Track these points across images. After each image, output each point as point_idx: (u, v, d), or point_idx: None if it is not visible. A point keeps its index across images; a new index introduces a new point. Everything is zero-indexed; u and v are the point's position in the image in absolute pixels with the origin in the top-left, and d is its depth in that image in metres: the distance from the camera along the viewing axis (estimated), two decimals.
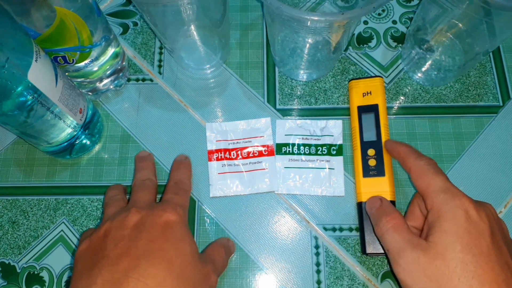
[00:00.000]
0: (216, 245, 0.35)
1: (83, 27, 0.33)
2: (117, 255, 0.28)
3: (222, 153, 0.40)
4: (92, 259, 0.28)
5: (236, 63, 0.44)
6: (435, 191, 0.30)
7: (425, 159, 0.33)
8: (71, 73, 0.37)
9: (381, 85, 0.40)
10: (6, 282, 0.36)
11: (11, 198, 0.39)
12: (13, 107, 0.30)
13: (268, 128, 0.40)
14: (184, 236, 0.30)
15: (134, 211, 0.30)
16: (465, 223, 0.28)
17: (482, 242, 0.28)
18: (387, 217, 0.32)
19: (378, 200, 0.35)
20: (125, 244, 0.28)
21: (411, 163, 0.33)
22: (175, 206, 0.31)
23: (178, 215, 0.31)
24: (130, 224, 0.30)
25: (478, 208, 0.29)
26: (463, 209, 0.29)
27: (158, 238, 0.29)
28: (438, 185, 0.31)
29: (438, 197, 0.30)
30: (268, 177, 0.39)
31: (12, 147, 0.41)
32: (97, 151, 0.41)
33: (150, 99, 0.42)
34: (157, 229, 0.29)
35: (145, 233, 0.29)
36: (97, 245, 0.29)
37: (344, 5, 0.45)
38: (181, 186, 0.36)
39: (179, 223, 0.30)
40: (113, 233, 0.29)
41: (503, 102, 0.42)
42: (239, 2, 0.46)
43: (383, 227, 0.31)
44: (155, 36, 0.45)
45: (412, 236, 0.30)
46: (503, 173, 0.39)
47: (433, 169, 0.32)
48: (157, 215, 0.30)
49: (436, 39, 0.40)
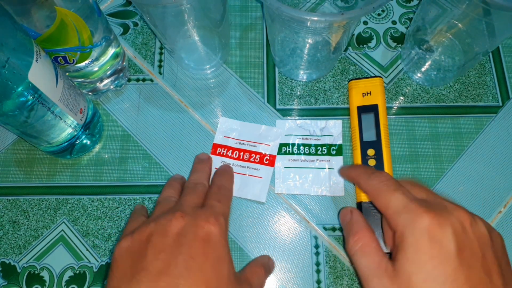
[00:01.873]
0: (256, 264, 0.34)
1: (84, 27, 0.33)
2: (157, 270, 0.27)
3: (225, 150, 0.40)
4: (131, 267, 0.28)
5: (236, 63, 0.44)
6: (394, 213, 0.28)
7: (376, 177, 0.31)
8: (72, 73, 0.38)
9: (380, 85, 0.40)
10: (6, 282, 0.37)
11: (11, 198, 0.39)
12: (14, 107, 0.30)
13: (277, 139, 0.40)
14: (223, 255, 0.29)
15: (179, 216, 0.30)
16: (428, 247, 0.26)
17: (447, 266, 0.25)
18: (354, 237, 0.30)
19: (348, 213, 0.33)
20: (165, 257, 0.28)
21: (364, 185, 0.32)
22: (217, 216, 0.30)
23: (220, 226, 0.30)
24: (172, 231, 0.29)
25: (443, 224, 0.26)
26: (424, 231, 0.26)
27: (199, 255, 0.28)
28: (395, 205, 0.29)
29: (398, 219, 0.28)
30: (259, 186, 0.39)
31: (13, 147, 0.41)
32: (97, 151, 0.41)
33: (150, 99, 0.43)
34: (199, 244, 0.28)
35: (186, 248, 0.28)
36: (138, 249, 0.29)
37: (344, 6, 0.45)
38: (224, 193, 0.35)
39: (220, 237, 0.29)
40: (155, 239, 0.29)
41: (503, 102, 0.42)
42: (239, 2, 0.46)
43: (352, 248, 0.30)
44: (155, 36, 0.45)
45: (380, 259, 0.28)
46: (503, 173, 0.39)
47: (387, 186, 0.30)
48: (199, 226, 0.29)
49: (436, 39, 0.40)
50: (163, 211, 0.32)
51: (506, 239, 0.37)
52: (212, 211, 0.31)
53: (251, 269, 0.33)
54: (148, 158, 0.40)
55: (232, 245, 0.37)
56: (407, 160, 0.40)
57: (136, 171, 0.40)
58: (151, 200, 0.39)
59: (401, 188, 0.30)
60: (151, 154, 0.41)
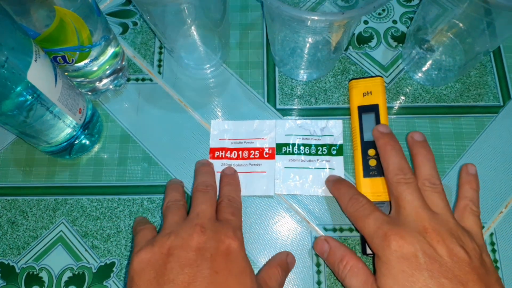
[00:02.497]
0: (272, 265, 0.34)
1: (83, 26, 0.33)
2: (183, 283, 0.28)
3: (223, 152, 0.40)
4: (157, 280, 0.28)
5: (236, 63, 0.44)
6: (369, 237, 0.31)
7: (354, 203, 0.33)
8: (71, 73, 0.37)
9: (381, 85, 0.40)
10: (5, 282, 0.36)
11: (10, 198, 0.39)
12: (13, 107, 0.30)
13: (272, 131, 0.40)
14: (245, 268, 0.30)
15: (199, 230, 0.30)
16: (398, 263, 0.29)
17: (418, 277, 0.28)
18: (343, 262, 0.32)
19: (324, 243, 0.34)
20: (191, 271, 0.28)
21: (344, 210, 0.35)
22: (235, 230, 0.32)
23: (239, 241, 0.31)
24: (194, 245, 0.29)
25: (410, 243, 0.29)
26: (393, 251, 0.29)
27: (223, 270, 0.29)
28: (368, 230, 0.32)
29: (372, 243, 0.31)
30: (265, 181, 0.39)
31: (12, 147, 0.41)
32: (96, 151, 0.41)
33: (150, 99, 0.42)
34: (221, 258, 0.29)
35: (210, 262, 0.29)
36: (160, 262, 0.29)
37: (344, 5, 0.45)
38: (236, 205, 0.35)
39: (240, 251, 0.30)
40: (177, 253, 0.29)
41: (504, 102, 0.42)
42: (239, 2, 0.46)
43: (342, 273, 0.32)
44: (155, 36, 0.45)
45: (367, 277, 0.31)
46: (504, 173, 0.39)
47: (362, 212, 0.32)
48: (220, 241, 0.30)
49: (437, 39, 0.40)
50: (177, 221, 0.32)
51: (507, 240, 0.37)
52: (230, 226, 0.32)
53: (268, 272, 0.33)
54: (148, 158, 0.40)
55: None
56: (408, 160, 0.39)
57: (136, 171, 0.40)
58: (150, 200, 0.39)
59: (374, 213, 0.32)
60: (150, 154, 0.40)
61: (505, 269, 0.36)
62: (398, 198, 0.32)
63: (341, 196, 0.35)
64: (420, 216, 0.31)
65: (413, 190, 0.32)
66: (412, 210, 0.31)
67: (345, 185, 0.36)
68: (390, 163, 0.34)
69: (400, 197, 0.32)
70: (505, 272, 0.36)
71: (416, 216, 0.31)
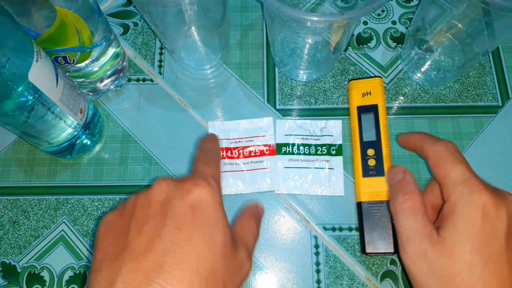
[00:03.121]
0: (245, 216, 0.30)
1: (84, 27, 0.33)
2: (140, 247, 0.24)
3: (223, 152, 0.40)
4: (114, 246, 0.25)
5: (236, 63, 0.44)
6: (453, 182, 0.28)
7: (443, 144, 0.30)
8: (72, 73, 0.38)
9: (380, 85, 0.40)
10: (6, 281, 0.37)
11: (12, 198, 0.39)
12: (14, 107, 0.30)
13: (270, 128, 0.40)
14: (216, 221, 0.25)
15: (161, 181, 0.26)
16: (480, 222, 0.26)
17: (495, 243, 0.26)
18: (405, 196, 0.29)
19: (401, 171, 0.32)
20: (148, 230, 0.24)
21: (428, 150, 0.31)
22: (207, 178, 0.27)
23: (211, 189, 0.26)
24: (156, 200, 0.26)
25: (498, 204, 0.27)
26: (479, 207, 0.27)
27: (186, 224, 0.25)
28: (456, 175, 0.28)
29: (455, 189, 0.28)
30: (269, 177, 0.39)
31: (13, 147, 0.41)
32: (97, 151, 0.41)
33: (151, 99, 0.43)
34: (186, 211, 0.25)
35: (171, 217, 0.25)
36: (120, 224, 0.26)
37: (344, 6, 0.45)
38: (211, 156, 0.30)
39: (211, 201, 0.26)
40: (138, 212, 0.25)
41: (503, 102, 0.42)
42: (239, 3, 0.46)
43: (399, 205, 0.29)
44: (156, 36, 0.45)
45: (425, 223, 0.28)
46: (503, 173, 0.39)
47: (453, 156, 0.30)
48: (186, 189, 0.26)
49: (436, 40, 0.40)
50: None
51: None
52: (200, 174, 0.27)
53: (242, 224, 0.30)
54: (148, 158, 0.40)
55: None
56: (407, 160, 0.40)
57: (136, 171, 0.40)
58: None
59: (466, 162, 0.30)
60: (151, 154, 0.41)
61: None
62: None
63: (426, 138, 0.32)
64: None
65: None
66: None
67: (426, 133, 0.34)
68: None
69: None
70: None
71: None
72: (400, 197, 0.30)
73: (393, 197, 0.31)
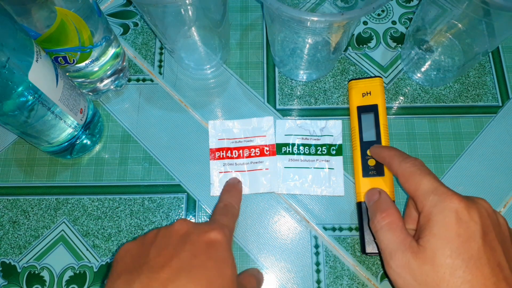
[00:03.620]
0: (249, 275, 0.34)
1: (84, 27, 0.33)
2: (159, 263, 0.27)
3: (223, 152, 0.40)
4: (133, 263, 0.28)
5: (236, 63, 0.44)
6: (424, 193, 0.30)
7: (410, 160, 0.32)
8: (72, 73, 0.38)
9: (380, 85, 0.40)
10: (6, 281, 0.37)
11: (12, 198, 0.39)
12: (14, 107, 0.30)
13: (271, 128, 0.40)
14: (227, 258, 0.29)
15: (181, 220, 0.30)
16: (455, 226, 0.27)
17: (473, 244, 0.27)
18: (382, 213, 0.31)
19: (376, 192, 0.34)
20: (168, 253, 0.28)
21: (397, 168, 0.33)
22: (222, 226, 0.30)
23: (224, 235, 0.30)
24: (176, 232, 0.29)
25: (470, 207, 0.28)
26: (452, 211, 0.28)
27: (202, 254, 0.28)
28: (426, 186, 0.30)
29: (427, 199, 0.29)
30: (269, 178, 0.39)
31: (13, 147, 0.41)
32: (97, 151, 0.41)
33: (151, 99, 0.43)
34: (202, 245, 0.28)
35: (189, 246, 0.28)
36: (140, 250, 0.29)
37: (344, 6, 0.45)
38: (230, 210, 0.35)
39: (224, 244, 0.29)
40: (159, 240, 0.29)
41: (502, 102, 0.42)
42: (239, 3, 0.47)
43: (378, 224, 0.31)
44: (156, 36, 0.45)
45: (405, 236, 0.29)
46: (503, 173, 0.39)
47: (420, 170, 0.31)
48: (203, 230, 0.29)
49: (436, 40, 0.40)
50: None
51: None
52: (218, 223, 0.31)
53: (245, 277, 0.33)
54: (148, 158, 0.40)
55: (232, 244, 0.37)
56: None
57: (136, 171, 0.40)
58: (151, 200, 0.39)
59: (433, 174, 0.31)
60: (151, 154, 0.41)
61: None
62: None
63: (394, 154, 0.34)
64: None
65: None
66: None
67: (395, 148, 0.35)
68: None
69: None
70: None
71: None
72: (378, 215, 0.32)
73: (372, 216, 0.33)
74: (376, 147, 0.37)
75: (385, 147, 0.36)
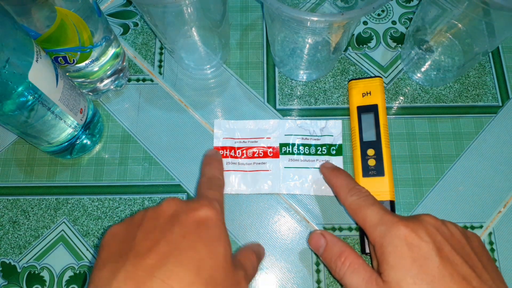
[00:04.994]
0: (247, 250, 0.32)
1: (84, 27, 0.33)
2: (145, 248, 0.25)
3: (227, 151, 0.40)
4: (119, 249, 0.26)
5: (236, 63, 0.44)
6: (371, 226, 0.30)
7: (356, 192, 0.32)
8: (72, 73, 0.38)
9: (380, 85, 0.40)
10: (6, 281, 0.37)
11: (11, 198, 0.39)
12: (14, 107, 0.30)
13: (276, 130, 0.40)
14: (219, 235, 0.27)
15: (170, 200, 0.28)
16: (408, 252, 0.27)
17: (431, 265, 0.27)
18: (341, 258, 0.30)
19: (320, 237, 0.33)
20: (155, 236, 0.26)
21: (343, 200, 0.33)
22: (211, 201, 0.29)
23: (214, 210, 0.28)
24: (164, 213, 0.28)
25: (417, 229, 0.28)
26: (401, 238, 0.28)
27: (191, 234, 0.26)
28: (372, 218, 0.30)
29: (375, 231, 0.29)
30: (270, 179, 0.39)
31: (13, 147, 0.41)
32: (97, 151, 0.41)
33: (151, 99, 0.43)
34: (191, 225, 0.27)
35: (178, 227, 0.26)
36: (127, 233, 0.27)
37: (344, 6, 0.45)
38: (215, 182, 0.34)
39: (215, 220, 0.28)
40: (146, 222, 0.27)
41: (503, 102, 0.42)
42: (239, 2, 0.46)
43: (340, 271, 0.30)
44: (156, 36, 0.45)
45: (369, 274, 0.29)
46: (503, 173, 0.39)
47: (364, 201, 0.31)
48: (192, 208, 0.28)
49: (436, 40, 0.40)
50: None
51: (505, 239, 0.37)
52: (206, 197, 0.30)
53: (243, 254, 0.31)
54: (148, 158, 0.40)
55: (232, 244, 0.37)
56: (407, 160, 0.40)
57: (136, 171, 0.40)
58: (151, 200, 0.39)
59: (378, 203, 0.31)
60: (151, 154, 0.41)
61: (504, 268, 0.36)
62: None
63: (341, 185, 0.34)
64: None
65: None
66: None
67: (344, 174, 0.35)
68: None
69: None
70: (504, 271, 0.36)
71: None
72: (337, 262, 0.31)
73: (330, 266, 0.31)
74: (326, 169, 0.37)
75: (334, 173, 0.36)
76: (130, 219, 0.28)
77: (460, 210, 0.38)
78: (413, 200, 0.38)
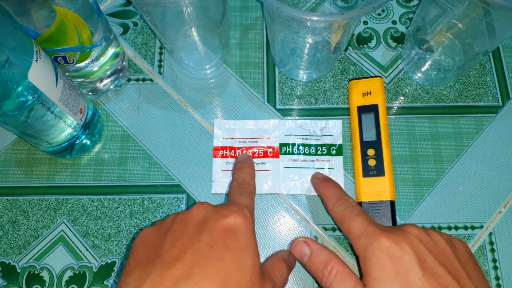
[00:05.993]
0: (277, 260, 0.31)
1: (84, 27, 0.33)
2: (172, 257, 0.25)
3: (227, 151, 0.40)
4: (147, 255, 0.27)
5: (236, 63, 0.44)
6: (356, 236, 0.30)
7: (342, 203, 0.32)
8: (72, 73, 0.38)
9: (380, 85, 0.40)
10: (6, 282, 0.37)
11: (11, 198, 0.39)
12: (14, 107, 0.30)
13: (276, 130, 0.40)
14: (247, 245, 0.27)
15: (200, 205, 0.29)
16: (390, 264, 0.27)
17: (413, 276, 0.26)
18: (328, 267, 0.29)
19: (304, 246, 0.31)
20: (182, 244, 0.26)
21: (331, 210, 0.33)
22: (241, 207, 0.29)
23: (244, 217, 0.28)
24: (192, 218, 0.28)
25: (399, 241, 0.28)
26: (383, 251, 0.28)
27: (219, 244, 0.26)
28: (356, 229, 0.30)
29: (359, 243, 0.29)
30: (270, 179, 0.39)
31: (13, 147, 0.41)
32: (97, 151, 0.41)
33: (150, 99, 0.43)
34: (219, 233, 0.27)
35: (206, 235, 0.26)
36: (156, 238, 0.27)
37: (344, 6, 0.45)
38: (245, 187, 0.34)
39: (244, 228, 0.28)
40: (175, 228, 0.27)
41: (503, 102, 0.42)
42: (239, 2, 0.46)
43: (327, 280, 0.29)
44: (155, 36, 0.45)
45: (355, 284, 0.28)
46: (503, 173, 0.39)
47: (350, 212, 0.31)
48: (221, 215, 0.27)
49: (436, 39, 0.40)
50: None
51: (506, 239, 0.37)
52: (235, 203, 0.30)
53: (272, 264, 0.31)
54: (148, 158, 0.40)
55: None
56: (407, 160, 0.40)
57: (136, 171, 0.40)
58: (151, 200, 0.39)
59: (363, 214, 0.31)
60: (151, 154, 0.41)
61: (503, 268, 0.36)
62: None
63: (329, 195, 0.34)
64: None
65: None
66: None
67: (333, 185, 0.35)
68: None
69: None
70: (503, 271, 0.36)
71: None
72: (324, 272, 0.30)
73: (317, 275, 0.30)
74: (316, 179, 0.37)
75: (323, 183, 0.36)
76: (160, 223, 0.29)
77: (461, 210, 0.38)
78: (413, 200, 0.38)
